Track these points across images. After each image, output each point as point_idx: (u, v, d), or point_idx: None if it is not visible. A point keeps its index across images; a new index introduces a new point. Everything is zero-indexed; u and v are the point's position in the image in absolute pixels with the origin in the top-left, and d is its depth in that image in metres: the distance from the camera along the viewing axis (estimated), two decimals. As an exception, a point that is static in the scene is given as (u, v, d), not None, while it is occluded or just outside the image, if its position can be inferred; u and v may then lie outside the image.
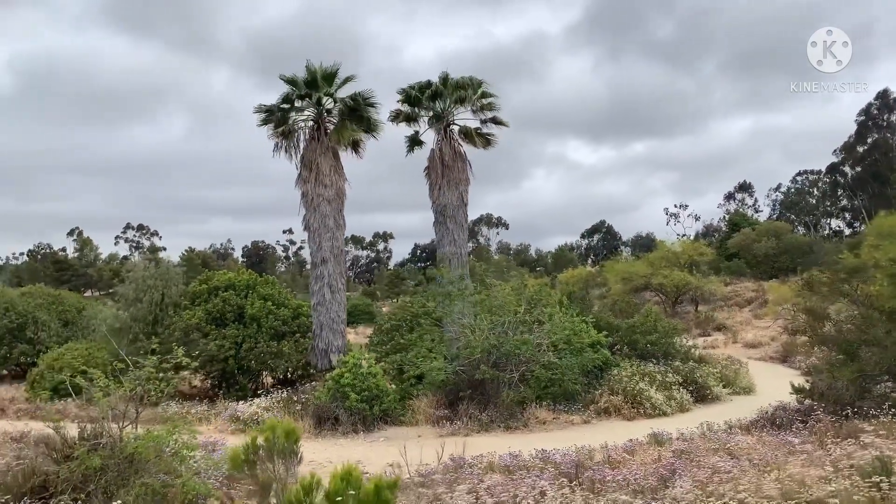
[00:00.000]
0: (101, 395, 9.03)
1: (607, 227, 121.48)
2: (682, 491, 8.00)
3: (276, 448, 6.09)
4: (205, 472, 9.79)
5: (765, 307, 43.40)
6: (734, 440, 12.27)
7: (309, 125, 22.32)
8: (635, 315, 22.53)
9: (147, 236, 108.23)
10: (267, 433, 6.06)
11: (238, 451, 6.16)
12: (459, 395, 15.86)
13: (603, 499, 7.16)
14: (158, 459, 9.12)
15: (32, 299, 33.75)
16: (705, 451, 11.67)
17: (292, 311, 26.62)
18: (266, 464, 6.10)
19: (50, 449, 8.89)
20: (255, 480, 6.10)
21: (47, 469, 8.63)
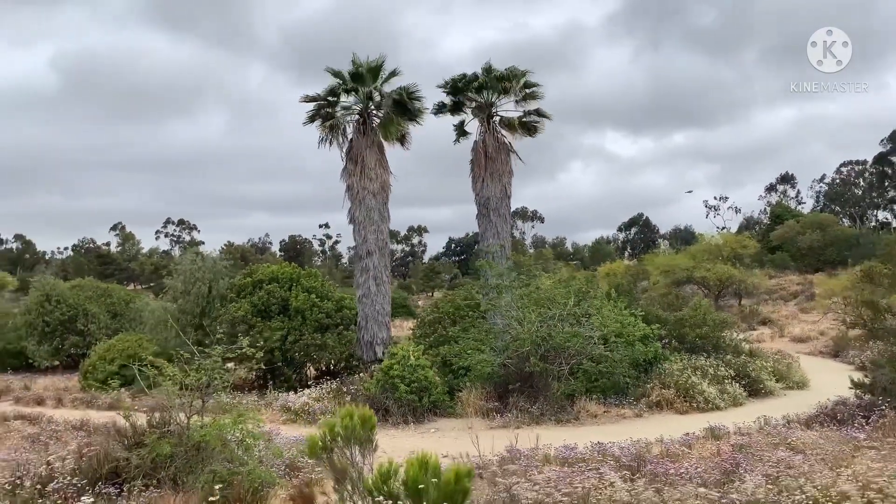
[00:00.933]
0: (171, 385, 9.17)
1: (645, 219, 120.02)
2: (753, 485, 7.86)
3: (354, 435, 6.12)
4: (267, 461, 9.94)
5: (812, 301, 42.47)
6: (794, 435, 12.03)
7: (354, 118, 22.43)
8: (683, 308, 22.20)
9: (187, 231, 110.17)
10: (345, 420, 6.09)
11: (316, 438, 6.20)
12: (509, 387, 15.81)
13: (676, 491, 7.04)
14: (224, 447, 9.28)
15: (82, 292, 34.58)
16: (765, 445, 11.46)
17: (335, 303, 26.81)
18: (343, 451, 6.13)
19: (121, 436, 9.09)
20: (333, 467, 6.14)
21: (119, 455, 8.82)
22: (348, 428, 6.05)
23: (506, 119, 23.52)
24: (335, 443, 6.10)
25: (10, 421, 17.22)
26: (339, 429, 6.06)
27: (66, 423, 16.70)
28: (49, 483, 8.46)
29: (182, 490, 8.69)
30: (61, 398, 21.24)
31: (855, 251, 53.17)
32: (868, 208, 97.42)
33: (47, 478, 8.70)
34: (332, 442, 6.09)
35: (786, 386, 18.56)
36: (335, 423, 6.17)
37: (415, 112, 22.36)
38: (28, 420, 17.20)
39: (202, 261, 27.85)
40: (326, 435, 6.16)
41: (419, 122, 22.61)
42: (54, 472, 8.92)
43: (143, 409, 9.49)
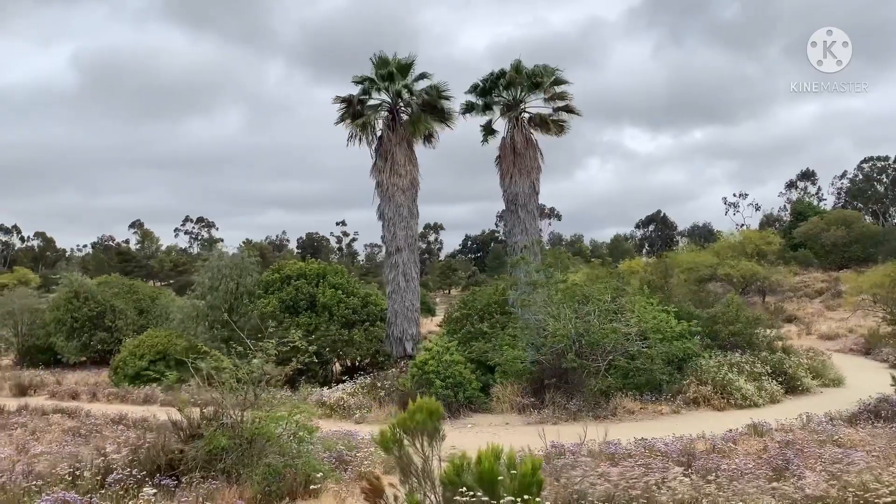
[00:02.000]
0: (228, 378, 9.24)
1: (662, 216, 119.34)
2: (812, 481, 7.79)
3: (425, 429, 6.14)
4: (315, 454, 9.97)
5: (838, 298, 42.04)
6: (840, 432, 11.93)
7: (383, 115, 22.49)
8: (715, 305, 22.06)
9: (205, 228, 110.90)
10: (417, 414, 6.11)
11: (387, 431, 6.23)
12: (544, 383, 15.79)
13: (739, 486, 7.01)
14: (277, 440, 9.35)
15: (109, 289, 34.94)
16: (812, 442, 11.37)
17: (361, 299, 26.92)
18: (414, 443, 6.16)
19: (177, 429, 9.17)
20: (401, 461, 6.17)
21: (176, 448, 8.90)
22: (418, 421, 6.07)
23: (535, 116, 23.46)
24: (405, 436, 6.12)
25: (50, 415, 17.44)
26: (411, 423, 6.07)
27: (104, 417, 16.91)
28: (109, 474, 8.55)
29: (237, 482, 8.76)
30: (95, 393, 21.49)
31: (881, 248, 52.60)
32: (891, 205, 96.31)
33: (105, 469, 8.80)
34: (402, 434, 6.11)
35: (821, 383, 18.38)
36: (406, 417, 6.18)
37: (444, 110, 22.37)
38: (66, 414, 17.41)
39: (229, 257, 28.01)
40: (397, 428, 6.18)
41: (447, 120, 22.62)
42: (112, 464, 9.02)
43: (198, 402, 9.53)
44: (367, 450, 11.01)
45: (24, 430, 16.35)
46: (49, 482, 8.49)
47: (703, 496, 6.70)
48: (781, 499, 6.57)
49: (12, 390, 22.55)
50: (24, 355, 34.15)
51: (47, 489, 8.28)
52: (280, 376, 9.82)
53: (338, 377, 25.74)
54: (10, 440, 15.36)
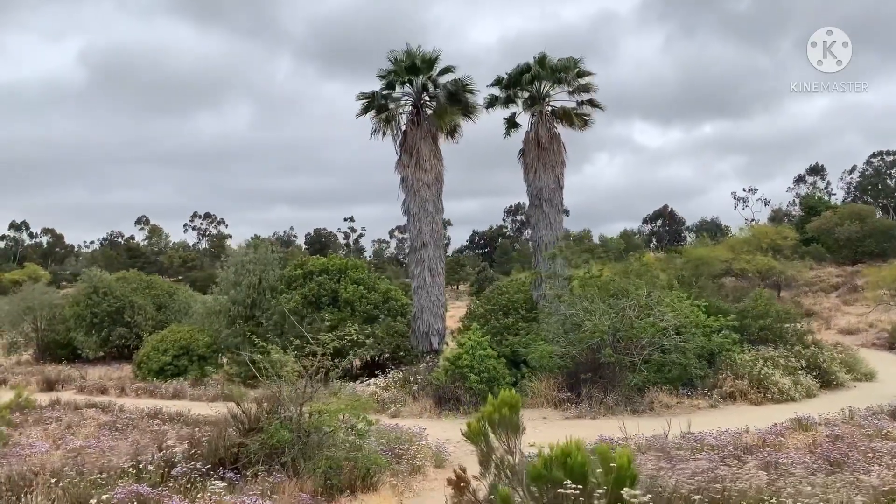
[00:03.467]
0: (292, 372, 9.24)
1: (670, 212, 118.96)
2: (879, 475, 7.77)
3: (509, 422, 6.14)
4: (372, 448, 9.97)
5: (854, 293, 41.92)
6: (887, 426, 11.89)
7: (407, 110, 22.46)
8: (744, 299, 22.02)
9: (213, 224, 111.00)
10: (502, 406, 6.10)
11: (475, 424, 6.23)
12: (580, 377, 15.77)
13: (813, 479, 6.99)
14: (338, 433, 9.37)
15: (127, 284, 34.99)
16: (860, 436, 11.35)
17: (382, 294, 26.91)
18: (498, 435, 6.15)
19: (237, 422, 9.19)
20: (483, 453, 6.17)
21: (238, 441, 8.92)
22: (504, 415, 6.06)
23: (559, 109, 23.41)
24: (488, 428, 6.12)
25: (83, 409, 17.48)
26: (497, 416, 6.07)
27: (138, 412, 16.95)
28: (171, 468, 8.57)
29: (298, 475, 8.78)
30: (124, 387, 21.56)
31: (895, 242, 52.46)
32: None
33: (168, 462, 8.83)
34: (487, 426, 6.10)
35: (854, 378, 18.36)
36: (492, 410, 6.17)
37: (468, 104, 22.33)
38: (100, 408, 17.45)
39: (253, 251, 28.03)
40: (483, 421, 6.18)
41: (472, 113, 22.58)
42: (172, 458, 9.05)
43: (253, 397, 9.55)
44: (416, 443, 11.03)
45: (59, 424, 16.40)
46: (112, 475, 8.52)
47: (786, 487, 6.68)
48: (863, 492, 6.52)
49: (40, 385, 22.62)
50: (43, 350, 34.27)
51: (112, 482, 8.31)
52: (339, 369, 9.82)
53: (357, 372, 25.78)
54: (45, 434, 15.44)
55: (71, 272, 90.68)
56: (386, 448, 10.12)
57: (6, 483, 7.93)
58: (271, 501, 7.87)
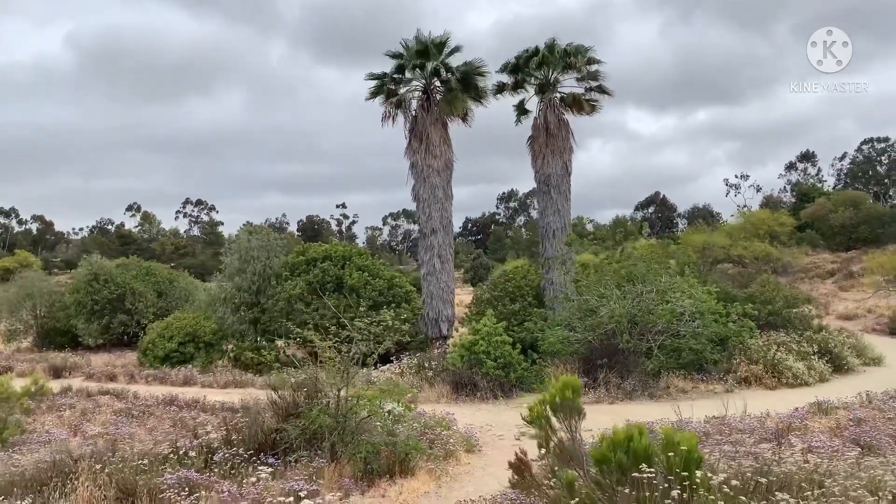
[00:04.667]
0: (330, 359, 9.23)
1: (662, 198, 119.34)
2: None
3: (570, 404, 6.18)
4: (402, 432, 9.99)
5: (850, 279, 42.32)
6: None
7: (417, 95, 22.35)
8: (751, 285, 22.19)
9: (205, 211, 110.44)
10: (565, 390, 6.14)
11: (536, 406, 6.27)
12: (597, 363, 15.87)
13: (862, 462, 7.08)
14: (374, 418, 9.39)
15: (128, 271, 34.78)
16: (882, 420, 11.51)
17: (387, 281, 26.90)
18: (560, 419, 6.19)
19: (275, 408, 9.19)
20: (542, 437, 6.21)
21: (278, 427, 8.92)
22: (567, 398, 6.10)
23: (568, 96, 23.37)
24: (551, 413, 6.16)
25: (96, 396, 17.42)
26: (560, 399, 6.10)
27: (153, 399, 16.91)
28: (212, 454, 8.57)
29: (337, 460, 8.81)
30: (133, 374, 21.47)
31: (889, 229, 52.91)
32: (891, 187, 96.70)
33: (208, 448, 8.82)
34: (549, 412, 6.14)
35: (863, 362, 18.58)
36: (554, 393, 6.21)
37: (479, 88, 22.26)
38: (113, 395, 17.39)
39: (257, 238, 27.90)
40: (545, 404, 6.21)
41: (482, 98, 22.50)
42: (210, 444, 9.04)
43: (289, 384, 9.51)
44: (447, 428, 11.07)
45: (73, 411, 16.35)
46: (154, 461, 8.50)
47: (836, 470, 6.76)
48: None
49: (47, 372, 22.46)
50: (43, 337, 34.06)
51: (154, 468, 8.30)
52: (375, 356, 9.83)
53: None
54: (60, 421, 15.41)
55: (62, 259, 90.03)
56: (419, 433, 10.15)
57: (52, 469, 7.90)
58: (316, 486, 7.90)
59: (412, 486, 8.93)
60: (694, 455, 5.61)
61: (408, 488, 8.84)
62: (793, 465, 6.87)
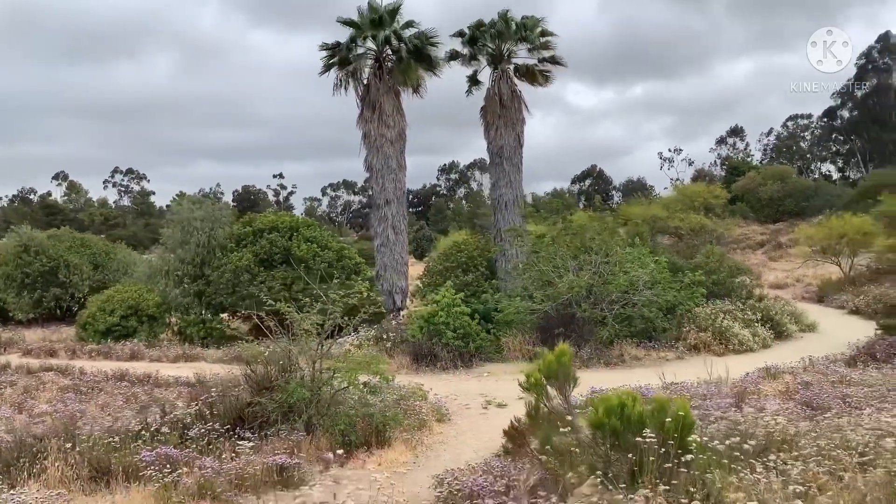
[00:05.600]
0: (307, 331, 9.09)
1: (599, 171, 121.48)
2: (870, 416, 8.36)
3: (565, 373, 6.29)
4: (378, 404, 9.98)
5: (779, 250, 44.23)
6: (850, 373, 12.76)
7: (369, 63, 21.96)
8: (695, 255, 22.94)
9: (136, 180, 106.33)
10: (560, 356, 6.25)
11: (536, 374, 6.34)
12: (554, 332, 16.16)
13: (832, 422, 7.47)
14: (351, 391, 9.34)
15: (61, 242, 33.25)
16: (827, 383, 12.15)
17: (336, 253, 26.62)
18: (555, 386, 6.30)
19: (249, 382, 9.02)
20: (533, 405, 6.31)
21: (254, 400, 8.77)
22: (562, 365, 6.20)
23: (521, 67, 23.41)
24: (544, 379, 6.26)
25: (39, 373, 16.71)
26: (556, 367, 6.20)
27: (101, 375, 16.35)
28: (189, 429, 8.38)
29: (313, 433, 8.75)
30: (75, 350, 20.68)
31: (813, 202, 55.40)
32: (813, 161, 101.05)
33: (181, 423, 8.61)
34: (544, 380, 6.24)
35: (800, 329, 19.53)
36: (552, 361, 6.30)
37: (432, 58, 22.03)
38: (58, 372, 16.72)
39: (200, 208, 27.07)
40: (540, 372, 6.29)
41: (435, 68, 22.29)
42: (183, 419, 8.82)
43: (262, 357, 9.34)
44: (420, 399, 11.12)
45: (15, 388, 15.67)
46: (125, 438, 8.23)
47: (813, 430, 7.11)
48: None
49: (-22, 349, 21.43)
50: (-34, 313, 32.34)
51: (126, 445, 8.05)
52: (351, 326, 9.74)
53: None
54: (2, 399, 14.76)
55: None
56: (393, 404, 10.16)
57: (18, 449, 7.56)
58: (298, 459, 7.82)
59: (390, 457, 8.96)
60: (689, 420, 5.80)
61: (386, 459, 8.86)
62: (763, 428, 7.19)
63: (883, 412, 8.63)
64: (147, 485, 7.19)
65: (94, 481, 7.34)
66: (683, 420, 5.68)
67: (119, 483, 7.32)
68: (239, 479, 7.22)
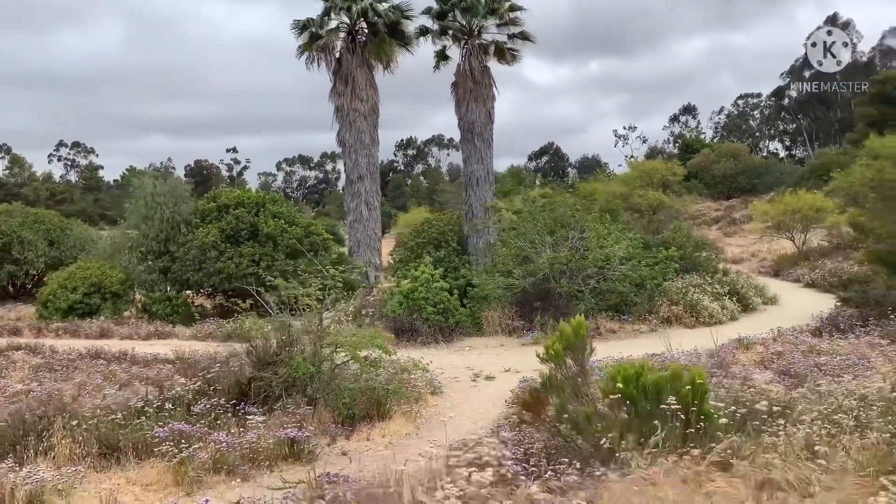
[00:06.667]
0: (316, 305, 9.10)
1: (555, 148, 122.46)
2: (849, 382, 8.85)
3: (582, 343, 6.49)
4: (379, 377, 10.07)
5: (733, 226, 45.56)
6: (818, 343, 13.38)
7: (341, 37, 21.66)
8: (662, 231, 23.49)
9: (83, 154, 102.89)
10: (580, 329, 6.44)
11: (557, 345, 6.51)
12: (534, 306, 16.46)
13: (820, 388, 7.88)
14: (352, 364, 9.42)
15: (12, 218, 32.10)
16: (799, 353, 12.73)
17: (303, 229, 26.42)
18: (573, 357, 6.49)
19: (251, 357, 9.00)
20: (564, 372, 6.51)
21: (252, 375, 8.77)
22: (579, 336, 6.40)
23: (491, 42, 23.38)
24: (565, 351, 6.44)
25: (7, 351, 16.24)
26: (575, 339, 6.39)
27: (74, 353, 15.99)
28: (193, 405, 8.35)
29: (315, 406, 8.82)
30: (40, 328, 20.12)
31: (763, 179, 57.09)
32: (761, 139, 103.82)
33: (183, 399, 8.56)
34: (563, 350, 6.42)
35: (763, 302, 20.27)
36: (571, 333, 6.49)
37: (405, 34, 21.85)
38: (27, 350, 16.28)
39: (164, 183, 26.46)
40: (558, 344, 6.47)
41: (409, 43, 22.13)
42: (184, 395, 8.77)
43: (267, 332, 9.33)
44: (416, 373, 11.24)
45: (-19, 367, 15.23)
46: (129, 415, 8.15)
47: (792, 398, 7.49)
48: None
49: (-66, 328, 20.66)
50: (-88, 291, 31.09)
51: (129, 422, 7.98)
52: (351, 303, 9.76)
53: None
54: (-31, 379, 14.34)
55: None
56: (391, 378, 10.27)
57: (23, 426, 7.42)
58: (307, 432, 7.89)
59: (392, 429, 9.09)
60: (705, 387, 6.07)
61: (390, 431, 9.00)
62: (761, 395, 7.55)
63: (859, 377, 9.16)
64: (157, 460, 7.19)
65: (104, 458, 7.29)
66: (701, 387, 5.95)
67: (129, 459, 7.28)
68: (253, 453, 7.26)
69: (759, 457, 4.82)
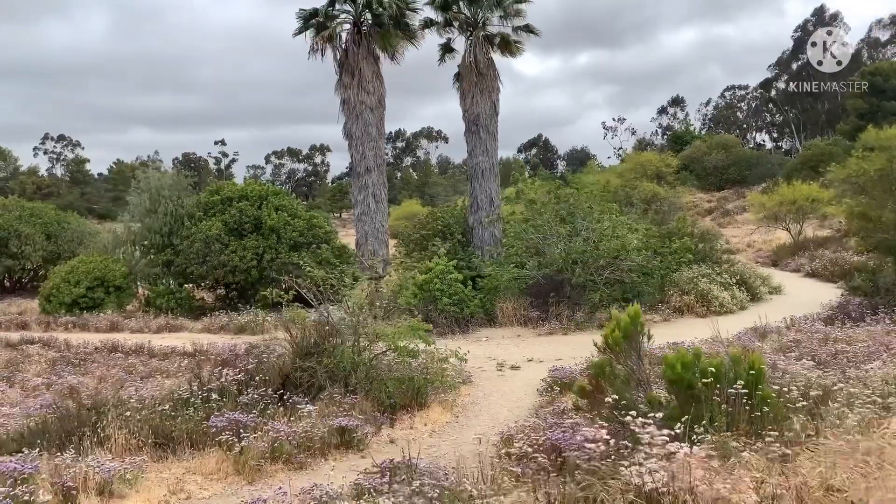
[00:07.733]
0: (359, 297, 9.17)
1: (544, 140, 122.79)
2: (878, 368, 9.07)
3: (639, 331, 6.62)
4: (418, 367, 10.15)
5: (726, 216, 46.00)
6: (831, 331, 13.62)
7: (346, 28, 21.62)
8: (667, 222, 23.71)
9: (69, 147, 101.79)
10: (636, 317, 6.57)
11: (616, 334, 6.64)
12: (548, 297, 16.60)
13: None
14: (393, 354, 9.51)
15: (9, 212, 31.83)
16: (815, 341, 12.95)
17: (306, 221, 26.44)
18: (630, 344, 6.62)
19: (294, 347, 9.07)
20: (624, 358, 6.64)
21: (295, 365, 8.84)
22: (637, 325, 6.53)
23: (496, 34, 23.41)
24: (620, 340, 6.57)
25: (22, 346, 16.19)
26: (632, 326, 6.52)
27: (90, 346, 15.97)
28: (240, 395, 8.41)
29: (357, 396, 8.91)
30: (48, 322, 20.00)
31: (754, 171, 57.63)
32: (749, 131, 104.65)
33: (226, 390, 8.61)
34: (623, 337, 6.55)
35: (769, 291, 20.55)
36: (629, 321, 6.61)
37: (410, 26, 21.83)
38: (42, 345, 16.23)
39: (168, 177, 26.35)
40: (617, 332, 6.60)
41: (413, 36, 22.12)
42: (228, 386, 8.82)
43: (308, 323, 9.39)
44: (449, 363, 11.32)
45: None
46: (176, 405, 8.20)
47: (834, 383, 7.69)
48: None
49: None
50: None
51: (178, 412, 8.03)
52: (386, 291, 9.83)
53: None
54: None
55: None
56: (425, 367, 10.37)
57: (78, 417, 7.44)
58: (357, 421, 7.97)
59: (432, 418, 9.20)
60: (764, 372, 6.22)
61: (430, 420, 9.11)
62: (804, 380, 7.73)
63: (887, 364, 9.38)
64: (214, 450, 7.26)
65: (159, 448, 7.33)
66: (760, 371, 6.10)
67: (185, 449, 7.34)
68: (308, 442, 7.34)
69: (826, 436, 4.99)
